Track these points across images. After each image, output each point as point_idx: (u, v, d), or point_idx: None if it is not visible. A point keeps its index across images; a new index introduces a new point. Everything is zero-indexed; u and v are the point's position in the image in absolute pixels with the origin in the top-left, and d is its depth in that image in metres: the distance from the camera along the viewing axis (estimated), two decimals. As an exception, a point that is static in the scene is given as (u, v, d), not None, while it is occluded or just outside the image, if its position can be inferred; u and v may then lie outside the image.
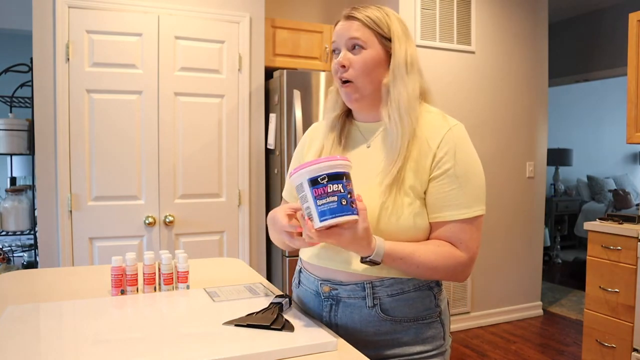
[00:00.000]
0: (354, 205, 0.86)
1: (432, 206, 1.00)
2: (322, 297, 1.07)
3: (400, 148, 0.99)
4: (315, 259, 1.09)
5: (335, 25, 1.08)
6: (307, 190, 0.86)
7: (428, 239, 1.02)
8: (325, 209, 0.85)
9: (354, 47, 1.03)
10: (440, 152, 0.99)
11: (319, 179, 0.85)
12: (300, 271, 1.18)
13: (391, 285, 1.01)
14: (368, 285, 1.01)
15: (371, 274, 1.01)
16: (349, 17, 1.04)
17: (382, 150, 1.04)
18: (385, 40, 1.03)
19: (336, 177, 0.86)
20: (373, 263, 0.94)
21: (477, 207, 0.99)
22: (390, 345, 1.02)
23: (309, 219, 0.87)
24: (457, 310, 3.36)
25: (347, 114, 1.13)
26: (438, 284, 1.08)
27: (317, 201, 0.85)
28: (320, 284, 1.07)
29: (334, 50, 1.08)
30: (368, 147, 1.08)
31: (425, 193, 1.01)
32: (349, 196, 0.86)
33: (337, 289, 1.04)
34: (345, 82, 1.04)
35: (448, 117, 1.05)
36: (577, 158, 6.61)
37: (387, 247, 0.94)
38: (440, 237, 1.00)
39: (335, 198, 0.85)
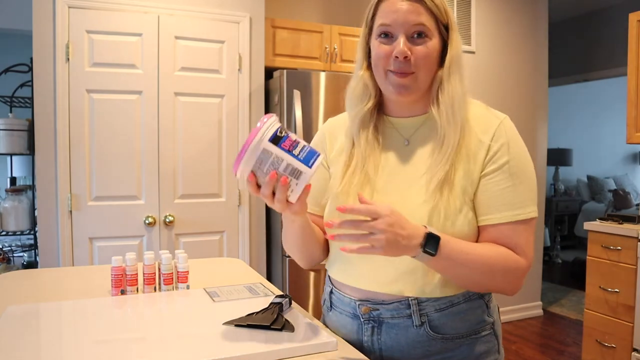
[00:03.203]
0: None
1: (484, 206, 0.89)
2: (362, 320, 0.95)
3: (453, 145, 0.88)
4: (349, 279, 0.98)
5: (379, 1, 0.93)
6: (274, 149, 0.77)
7: None
8: (305, 154, 0.78)
9: (417, 34, 0.89)
10: (495, 145, 0.89)
11: (277, 133, 0.78)
12: (331, 292, 1.05)
13: (439, 298, 0.90)
14: (413, 301, 0.90)
15: (417, 294, 0.90)
16: None
17: (425, 148, 0.93)
18: (443, 28, 0.92)
19: (283, 131, 0.80)
20: (427, 252, 0.80)
21: (531, 208, 0.89)
22: None
23: (292, 177, 0.79)
24: (457, 310, 3.36)
25: (377, 108, 1.00)
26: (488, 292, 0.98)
27: (294, 151, 0.78)
28: (358, 304, 0.95)
29: (382, 34, 0.91)
30: (407, 144, 0.96)
31: (475, 194, 0.90)
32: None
33: (378, 309, 0.93)
34: (403, 72, 0.90)
35: (492, 109, 0.96)
36: (577, 158, 6.61)
37: (442, 236, 0.81)
38: (493, 241, 0.89)
39: (305, 143, 0.80)
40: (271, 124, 0.78)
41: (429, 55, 0.89)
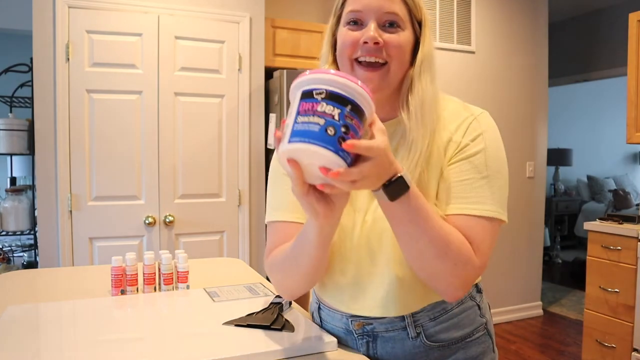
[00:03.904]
0: (342, 146, 0.61)
1: (441, 195, 0.82)
2: (356, 335, 0.92)
3: (421, 149, 0.82)
4: (341, 305, 0.93)
5: None
6: (295, 101, 0.65)
7: None
8: (302, 128, 0.61)
9: (389, 24, 0.82)
10: (465, 139, 0.84)
11: (314, 93, 0.63)
12: (319, 308, 1.00)
13: (433, 308, 0.88)
14: (408, 314, 0.88)
15: (409, 310, 0.87)
16: None
17: (397, 155, 0.84)
18: (416, 23, 0.85)
19: (339, 100, 0.62)
20: (398, 189, 0.69)
21: (492, 207, 0.81)
22: None
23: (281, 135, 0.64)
24: (457, 310, 3.36)
25: None
26: (479, 290, 0.95)
27: (298, 117, 0.62)
28: (351, 321, 0.92)
29: (352, 21, 0.83)
30: None
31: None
32: (342, 130, 0.61)
33: (371, 324, 0.90)
34: (372, 64, 0.82)
35: (469, 105, 0.90)
36: (577, 158, 6.61)
37: (413, 188, 0.71)
38: None
39: (322, 121, 0.61)
40: (344, 85, 0.63)
41: (401, 45, 0.82)
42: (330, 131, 0.60)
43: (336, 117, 0.61)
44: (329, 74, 0.63)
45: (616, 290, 2.47)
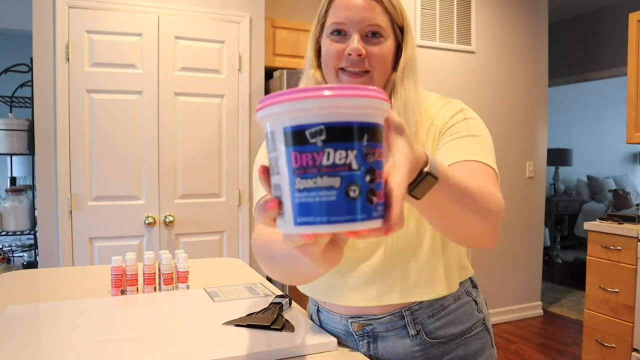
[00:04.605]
0: (375, 200, 0.42)
1: (444, 155, 0.81)
2: (356, 336, 0.93)
3: None
4: (335, 298, 0.92)
5: None
6: (280, 150, 0.42)
7: None
8: (309, 201, 0.40)
9: (372, 34, 0.84)
10: (445, 119, 0.86)
11: (306, 133, 0.40)
12: (318, 311, 1.00)
13: (431, 305, 0.89)
14: (407, 312, 0.88)
15: (410, 298, 0.87)
16: None
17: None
18: (398, 29, 0.87)
19: (349, 134, 0.40)
20: (426, 186, 0.54)
21: (494, 166, 0.81)
22: None
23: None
24: (457, 310, 3.36)
25: None
26: (474, 285, 0.97)
27: (296, 181, 0.41)
28: (350, 322, 0.92)
29: (335, 32, 0.85)
30: None
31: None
32: (367, 180, 0.41)
33: (371, 324, 0.91)
34: (357, 72, 0.84)
35: (448, 98, 0.92)
36: (577, 158, 6.61)
37: (439, 165, 0.56)
38: None
39: (336, 182, 0.40)
40: (342, 107, 0.40)
41: (383, 55, 0.84)
42: (353, 192, 0.40)
43: (354, 166, 0.40)
44: (320, 96, 0.39)
45: (616, 290, 2.47)
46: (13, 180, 2.69)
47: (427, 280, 0.88)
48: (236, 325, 0.98)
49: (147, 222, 2.51)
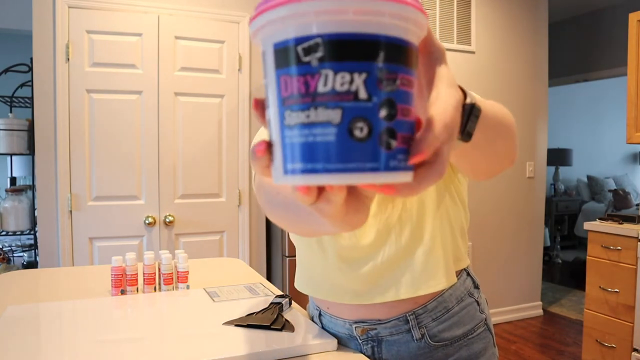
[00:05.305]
0: (394, 144, 0.29)
1: None
2: (360, 341, 0.92)
3: None
4: (338, 297, 0.90)
5: None
6: (271, 76, 0.31)
7: None
8: (301, 141, 0.29)
9: None
10: None
11: (299, 48, 0.29)
12: (320, 315, 0.99)
13: (434, 308, 0.89)
14: (411, 316, 0.88)
15: (414, 293, 0.86)
16: None
17: None
18: None
19: (355, 49, 0.28)
20: (473, 115, 0.48)
21: None
22: None
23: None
24: (457, 310, 3.36)
25: None
26: (476, 286, 0.96)
27: (286, 113, 0.30)
28: (355, 327, 0.91)
29: None
30: None
31: None
32: (383, 116, 0.29)
33: (375, 328, 0.90)
34: None
35: None
36: (577, 158, 6.61)
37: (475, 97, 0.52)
38: None
39: (336, 116, 0.28)
40: (357, 11, 0.28)
41: None
42: (360, 131, 0.28)
43: (362, 94, 0.28)
44: None
45: (616, 290, 2.47)
46: (13, 180, 2.69)
47: (430, 272, 0.88)
48: (236, 325, 0.98)
49: (147, 222, 2.51)
